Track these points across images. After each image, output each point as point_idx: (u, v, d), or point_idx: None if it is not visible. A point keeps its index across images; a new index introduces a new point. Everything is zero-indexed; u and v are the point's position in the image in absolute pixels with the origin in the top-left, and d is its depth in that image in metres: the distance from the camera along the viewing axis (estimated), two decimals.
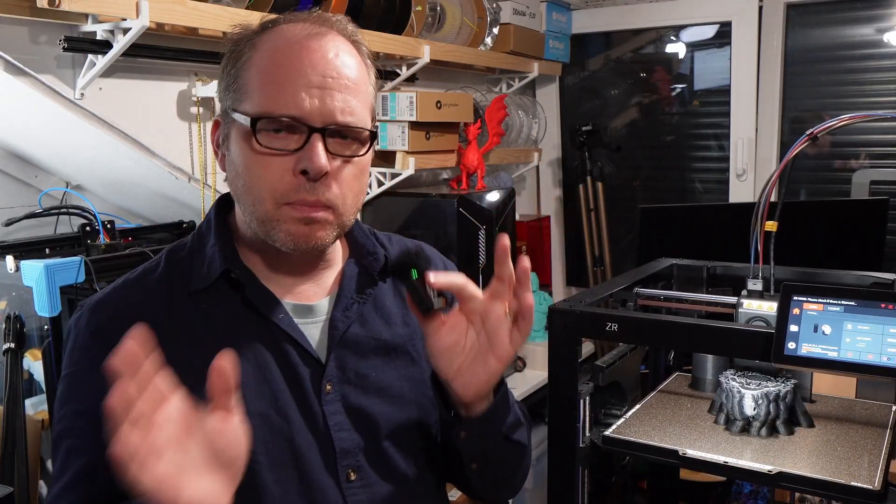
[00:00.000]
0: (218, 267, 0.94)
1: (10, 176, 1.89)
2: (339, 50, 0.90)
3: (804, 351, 0.96)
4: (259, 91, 0.89)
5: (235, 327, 0.93)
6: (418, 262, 0.88)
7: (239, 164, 0.91)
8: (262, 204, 0.90)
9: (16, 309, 1.68)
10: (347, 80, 0.90)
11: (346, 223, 0.94)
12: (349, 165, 0.91)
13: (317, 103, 0.87)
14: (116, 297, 0.95)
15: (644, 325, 1.08)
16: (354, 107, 0.90)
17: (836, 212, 2.34)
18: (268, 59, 0.89)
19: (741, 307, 1.16)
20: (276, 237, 0.91)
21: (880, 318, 0.94)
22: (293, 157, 0.88)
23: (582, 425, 1.10)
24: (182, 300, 0.93)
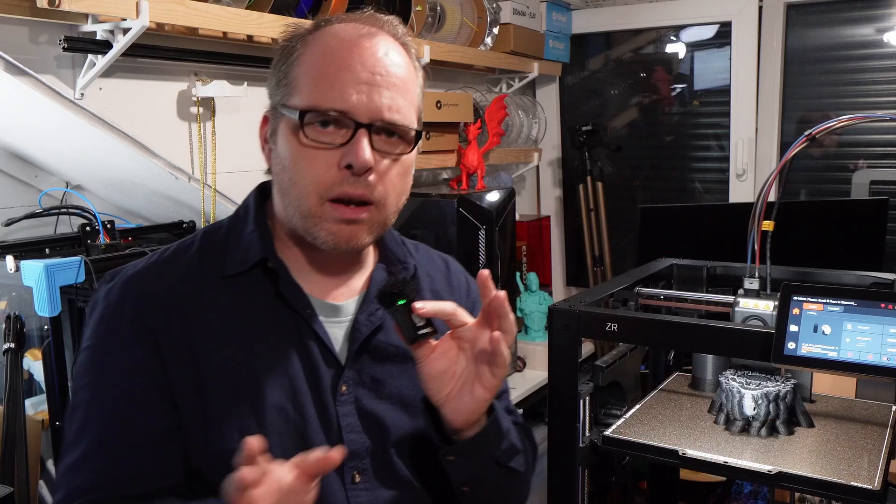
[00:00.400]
0: (256, 254, 0.94)
1: (10, 176, 1.89)
2: (389, 49, 0.92)
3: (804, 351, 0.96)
4: (308, 86, 0.90)
5: (264, 317, 0.93)
6: (405, 289, 0.88)
7: (286, 158, 0.92)
8: (306, 199, 0.90)
9: (16, 309, 1.68)
10: (395, 79, 0.90)
11: (386, 223, 0.95)
12: (394, 164, 0.92)
13: (364, 99, 0.88)
14: (148, 275, 0.95)
15: (644, 325, 1.08)
16: (401, 105, 0.91)
17: (836, 212, 2.34)
18: (319, 55, 0.91)
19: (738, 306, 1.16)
20: (318, 235, 0.91)
21: (880, 318, 0.94)
22: (339, 151, 0.89)
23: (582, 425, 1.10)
24: (213, 283, 0.94)
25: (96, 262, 1.58)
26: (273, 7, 1.85)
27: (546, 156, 3.32)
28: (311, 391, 0.93)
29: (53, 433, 1.58)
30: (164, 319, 0.90)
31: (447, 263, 1.14)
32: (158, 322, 0.90)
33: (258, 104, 2.03)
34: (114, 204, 2.12)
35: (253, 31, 1.82)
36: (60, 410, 1.56)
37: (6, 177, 1.89)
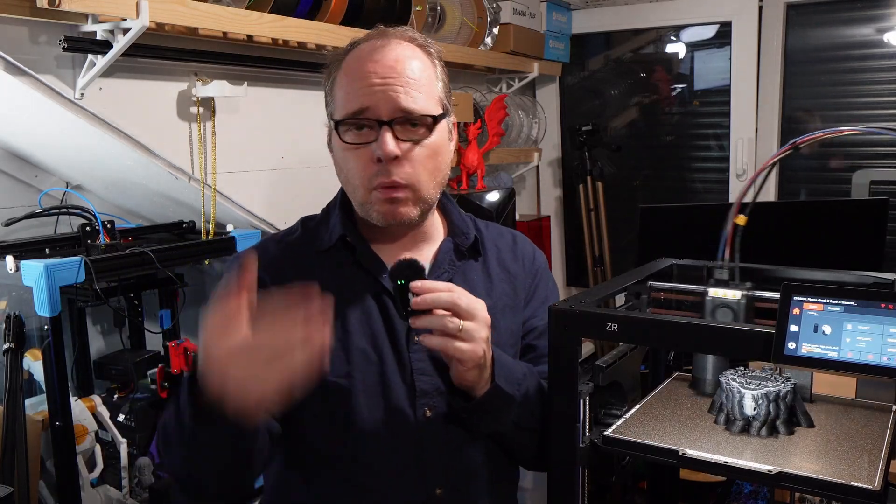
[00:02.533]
0: (337, 233, 1.17)
1: (10, 176, 1.90)
2: (398, 54, 1.10)
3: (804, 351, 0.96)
4: (342, 100, 1.11)
5: (349, 281, 1.15)
6: (407, 272, 1.01)
7: (339, 160, 1.15)
8: (357, 191, 1.12)
9: (16, 309, 1.68)
10: (408, 77, 1.09)
11: (427, 198, 1.13)
12: (419, 147, 1.10)
13: (381, 99, 1.07)
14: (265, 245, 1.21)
15: (644, 325, 1.08)
16: (416, 97, 1.08)
17: (836, 212, 2.33)
18: (345, 74, 1.12)
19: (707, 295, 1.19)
20: (372, 216, 1.12)
21: (880, 318, 0.94)
22: (371, 147, 1.08)
23: (582, 425, 1.10)
24: (311, 257, 1.17)
25: (96, 262, 1.58)
26: (273, 7, 1.85)
27: (546, 156, 3.32)
28: (389, 339, 1.12)
29: (53, 433, 1.58)
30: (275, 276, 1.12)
31: (514, 237, 1.33)
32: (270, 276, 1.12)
33: (258, 104, 2.05)
34: (114, 204, 2.12)
35: (253, 31, 1.82)
36: (60, 410, 1.56)
37: (6, 177, 1.89)
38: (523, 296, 1.26)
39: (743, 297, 1.14)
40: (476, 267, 1.23)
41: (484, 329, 1.03)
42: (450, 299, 1.01)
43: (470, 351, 1.02)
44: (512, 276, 1.26)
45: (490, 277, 1.23)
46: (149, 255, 1.70)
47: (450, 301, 1.00)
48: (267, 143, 2.08)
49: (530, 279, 1.28)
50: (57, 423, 1.56)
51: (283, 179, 2.12)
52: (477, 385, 1.07)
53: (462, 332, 1.01)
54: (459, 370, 1.05)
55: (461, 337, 1.01)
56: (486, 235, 1.27)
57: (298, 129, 2.18)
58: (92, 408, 1.79)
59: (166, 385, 1.93)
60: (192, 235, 2.03)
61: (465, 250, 1.22)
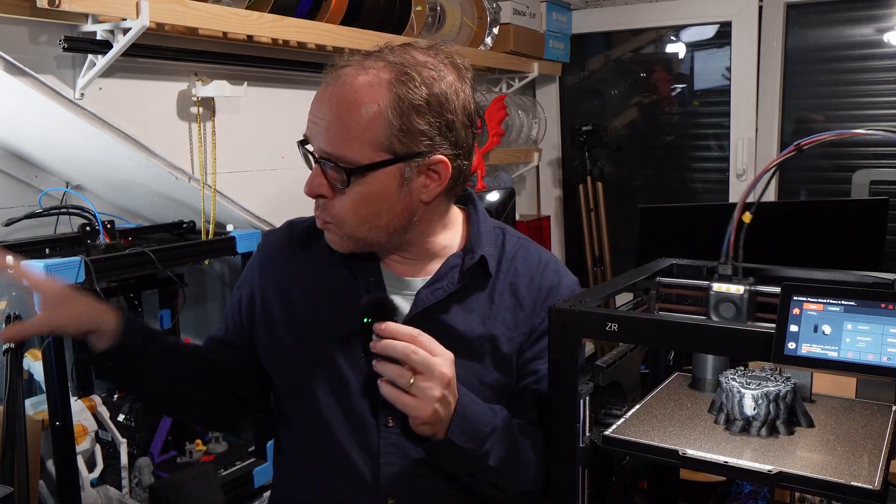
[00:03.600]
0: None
1: (10, 176, 1.89)
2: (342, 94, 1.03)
3: (804, 351, 0.96)
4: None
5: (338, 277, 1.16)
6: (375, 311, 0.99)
7: None
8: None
9: (16, 309, 1.68)
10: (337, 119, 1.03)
11: (360, 238, 1.09)
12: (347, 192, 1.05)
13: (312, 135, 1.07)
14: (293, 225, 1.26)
15: (644, 325, 1.08)
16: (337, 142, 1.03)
17: (836, 212, 2.33)
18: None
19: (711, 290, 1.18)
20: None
21: (880, 318, 0.94)
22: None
23: (582, 425, 1.10)
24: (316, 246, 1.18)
25: (96, 262, 1.58)
26: (273, 7, 1.85)
27: (546, 156, 3.32)
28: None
29: (53, 433, 1.58)
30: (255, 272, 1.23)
31: (544, 263, 1.23)
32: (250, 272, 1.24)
33: (258, 104, 2.05)
34: (114, 204, 2.12)
35: (253, 31, 1.82)
36: (60, 410, 1.56)
37: (6, 177, 1.89)
38: (525, 330, 1.18)
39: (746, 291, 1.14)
40: (480, 287, 1.17)
41: (437, 388, 0.98)
42: (404, 351, 0.97)
43: (417, 408, 0.98)
44: (518, 305, 1.18)
45: (492, 301, 1.17)
46: (149, 255, 1.70)
47: (403, 353, 0.97)
48: (267, 143, 2.08)
49: (539, 318, 1.19)
50: (57, 423, 1.56)
51: (283, 179, 2.12)
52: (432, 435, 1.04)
53: (412, 387, 0.97)
54: (412, 422, 1.02)
55: (410, 392, 0.98)
56: (507, 253, 1.20)
57: (298, 129, 2.17)
58: (92, 408, 1.79)
59: None
60: (192, 235, 2.03)
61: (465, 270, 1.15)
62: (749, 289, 1.14)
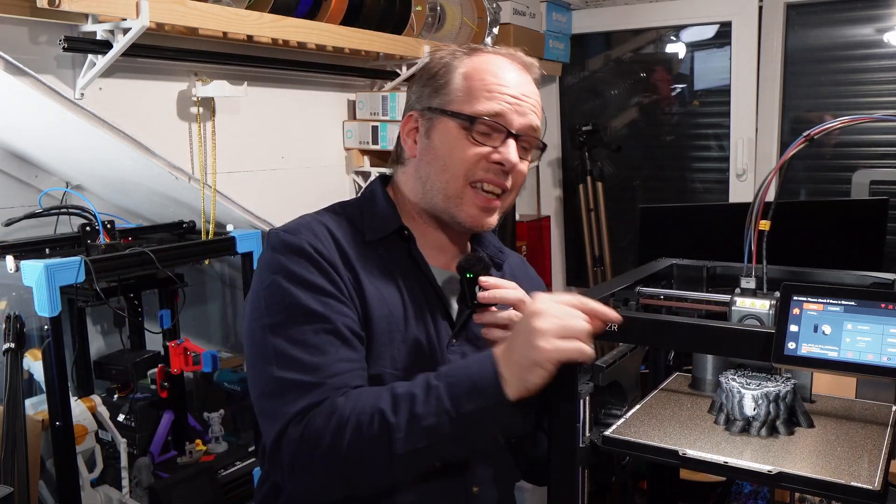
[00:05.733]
0: (393, 224, 1.17)
1: (10, 176, 1.90)
2: (530, 81, 1.19)
3: (804, 351, 0.96)
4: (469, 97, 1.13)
5: (403, 272, 1.16)
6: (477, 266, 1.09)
7: (443, 150, 1.14)
8: (454, 181, 1.13)
9: (16, 309, 1.68)
10: (535, 101, 1.17)
11: (507, 209, 1.21)
12: (523, 167, 1.17)
13: (517, 112, 1.14)
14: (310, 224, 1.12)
15: (644, 325, 1.08)
16: (539, 122, 1.17)
17: (836, 212, 2.33)
18: (482, 75, 1.15)
19: (734, 305, 1.16)
20: (458, 214, 1.15)
21: (880, 318, 0.93)
22: (489, 148, 1.12)
23: (582, 425, 1.10)
24: (360, 244, 1.14)
25: (96, 262, 1.58)
26: (273, 7, 1.85)
27: (546, 156, 3.32)
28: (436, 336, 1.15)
29: (53, 433, 1.58)
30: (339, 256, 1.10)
31: (524, 261, 1.42)
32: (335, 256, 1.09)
33: (258, 104, 2.05)
34: (114, 204, 2.12)
35: (253, 31, 1.82)
36: (60, 410, 1.56)
37: (6, 177, 1.89)
38: None
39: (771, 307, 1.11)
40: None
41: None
42: (517, 297, 1.07)
43: None
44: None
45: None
46: (149, 255, 1.70)
47: (518, 298, 1.07)
48: (267, 143, 2.08)
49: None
50: (57, 423, 1.56)
51: (283, 179, 2.12)
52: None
53: None
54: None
55: None
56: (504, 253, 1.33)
57: (298, 129, 2.19)
58: (92, 408, 1.79)
59: (166, 385, 1.93)
60: (192, 235, 2.03)
61: (498, 262, 1.28)
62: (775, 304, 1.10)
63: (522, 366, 0.95)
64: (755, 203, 1.12)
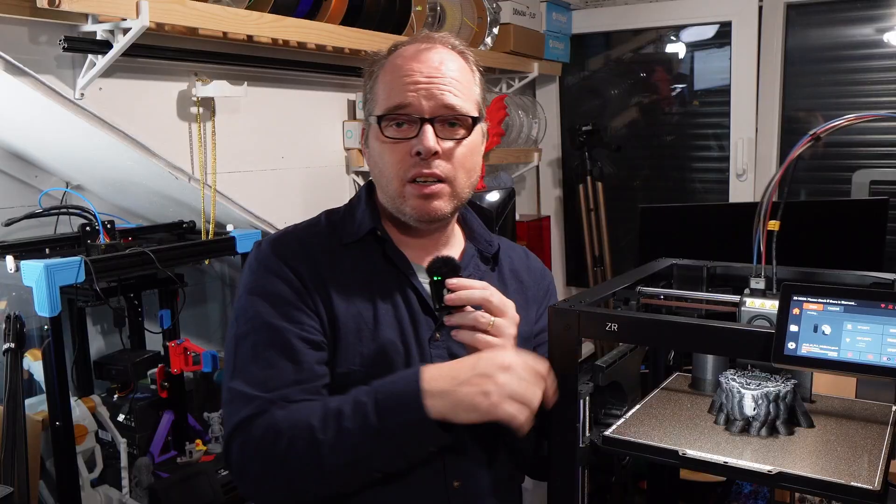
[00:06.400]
0: (367, 226, 1.18)
1: (10, 176, 1.89)
2: (443, 58, 1.15)
3: (804, 351, 0.96)
4: (384, 96, 1.15)
5: (377, 274, 1.17)
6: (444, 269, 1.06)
7: (375, 155, 1.17)
8: (391, 183, 1.14)
9: (16, 309, 1.68)
10: (451, 77, 1.14)
11: (461, 195, 1.17)
12: (458, 146, 1.14)
13: (424, 97, 1.11)
14: (291, 236, 1.20)
15: (644, 325, 1.08)
16: (458, 96, 1.13)
17: (836, 212, 2.33)
18: (390, 72, 1.15)
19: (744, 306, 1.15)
20: (405, 211, 1.15)
21: (880, 318, 0.94)
22: (411, 142, 1.12)
23: (582, 425, 1.10)
24: (338, 249, 1.18)
25: (96, 262, 1.58)
26: (273, 7, 1.85)
27: (546, 156, 3.32)
28: (414, 335, 1.15)
29: (53, 433, 1.58)
30: (306, 265, 1.14)
31: (526, 252, 1.39)
32: (301, 266, 1.14)
33: (258, 104, 2.05)
34: (114, 204, 2.12)
35: (253, 31, 1.82)
36: (60, 410, 1.56)
37: (6, 177, 1.89)
38: (535, 308, 1.30)
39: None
40: (493, 276, 1.27)
41: (513, 326, 1.08)
42: (483, 296, 1.06)
43: (500, 346, 1.05)
44: (525, 287, 1.30)
45: (505, 286, 1.27)
46: (149, 255, 1.70)
47: (483, 298, 1.06)
48: (267, 143, 2.08)
49: (542, 294, 1.33)
50: (57, 423, 1.56)
51: (283, 179, 2.12)
52: None
53: (493, 327, 1.05)
54: None
55: (492, 332, 1.05)
56: (502, 246, 1.32)
57: (298, 129, 2.18)
58: (92, 408, 1.79)
59: (166, 385, 1.93)
60: (192, 235, 2.03)
61: (489, 256, 1.27)
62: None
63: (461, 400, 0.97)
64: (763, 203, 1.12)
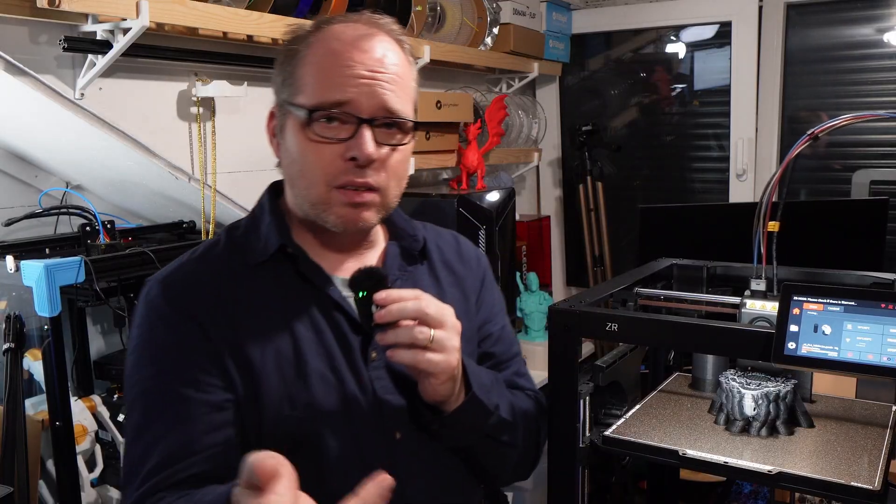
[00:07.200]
0: (274, 243, 1.02)
1: (10, 176, 1.89)
2: (387, 49, 0.99)
3: (804, 351, 0.96)
4: (314, 85, 0.97)
5: (293, 296, 1.01)
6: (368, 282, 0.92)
7: (295, 152, 1.00)
8: (315, 187, 0.99)
9: (16, 309, 1.68)
10: (394, 76, 0.98)
11: (390, 205, 1.03)
12: (394, 153, 1.00)
13: (365, 95, 0.96)
14: (185, 271, 1.03)
15: (644, 325, 1.08)
16: (401, 98, 0.99)
17: (836, 212, 2.33)
18: (322, 55, 0.98)
19: (744, 307, 1.15)
20: (328, 219, 1.00)
21: (880, 318, 0.94)
22: (344, 144, 0.96)
23: (582, 425, 1.10)
24: (243, 272, 1.02)
25: (96, 262, 1.58)
26: (273, 7, 1.85)
27: (546, 156, 3.32)
28: (345, 358, 1.00)
29: (53, 433, 1.58)
30: (203, 305, 0.98)
31: (457, 238, 1.23)
32: (198, 308, 0.97)
33: (258, 104, 2.05)
34: (114, 204, 2.12)
35: (253, 31, 1.82)
36: (60, 410, 1.56)
37: (6, 177, 1.88)
38: (474, 299, 1.17)
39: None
40: (423, 271, 1.12)
41: (455, 337, 0.94)
42: (417, 308, 0.91)
43: (443, 362, 0.92)
44: (460, 279, 1.16)
45: (439, 282, 1.13)
46: (149, 255, 1.70)
47: (417, 310, 0.91)
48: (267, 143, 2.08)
49: (479, 282, 1.19)
50: (57, 423, 1.56)
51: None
52: (449, 398, 0.97)
53: (433, 342, 0.91)
54: (432, 384, 0.95)
55: (432, 348, 0.91)
56: (428, 237, 1.15)
57: None
58: (92, 408, 1.79)
59: None
60: (192, 235, 2.03)
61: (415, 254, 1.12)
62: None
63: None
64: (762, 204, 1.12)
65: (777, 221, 1.12)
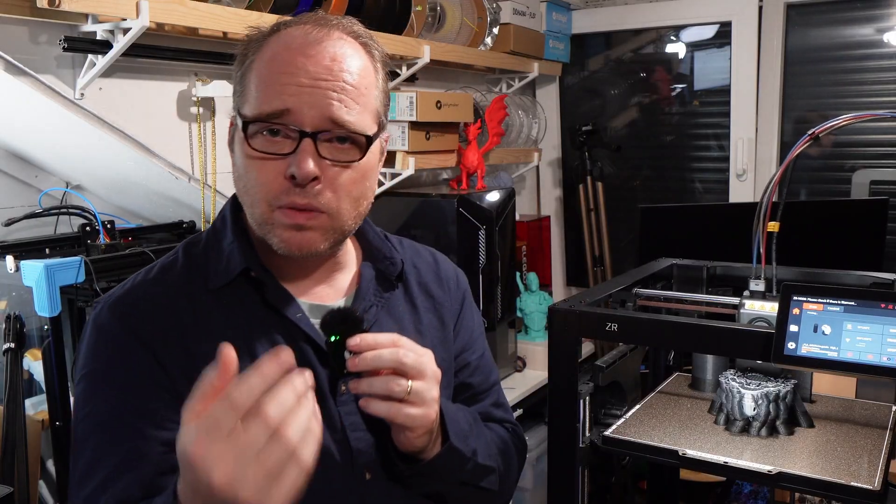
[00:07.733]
0: (237, 265, 0.93)
1: (10, 176, 1.89)
2: (338, 53, 0.89)
3: (804, 351, 0.96)
4: (255, 95, 0.89)
5: (256, 324, 0.92)
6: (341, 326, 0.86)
7: (240, 166, 0.91)
8: (258, 206, 0.89)
9: (16, 309, 1.68)
10: (344, 83, 0.88)
11: (344, 228, 0.92)
12: (346, 170, 0.89)
13: (307, 106, 0.86)
14: (138, 293, 0.94)
15: (644, 325, 1.08)
16: (351, 109, 0.88)
17: (836, 212, 2.34)
18: (266, 63, 0.90)
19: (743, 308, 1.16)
20: (272, 241, 0.90)
21: (880, 318, 0.94)
22: (286, 160, 0.87)
23: (582, 425, 1.10)
24: (202, 295, 0.93)
25: (96, 262, 1.58)
26: (273, 7, 1.85)
27: (546, 156, 3.32)
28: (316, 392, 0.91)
29: (53, 433, 1.58)
30: (157, 331, 0.89)
31: (434, 256, 1.13)
32: (152, 334, 0.89)
33: None
34: (114, 204, 2.12)
35: None
36: (60, 410, 1.56)
37: (6, 177, 1.88)
38: (452, 325, 1.09)
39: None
40: (399, 296, 1.04)
41: (434, 388, 0.87)
42: (394, 357, 0.84)
43: (421, 416, 0.86)
44: (437, 304, 1.08)
45: (415, 308, 1.04)
46: (149, 255, 1.70)
47: (394, 359, 0.84)
48: None
49: (458, 306, 1.11)
50: (57, 423, 1.56)
51: None
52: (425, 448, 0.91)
53: (411, 394, 0.84)
54: (408, 437, 0.88)
55: (410, 401, 0.84)
56: (405, 257, 1.06)
57: None
58: None
59: None
60: (192, 235, 2.03)
61: (392, 279, 1.02)
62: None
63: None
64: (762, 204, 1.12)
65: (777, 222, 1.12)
